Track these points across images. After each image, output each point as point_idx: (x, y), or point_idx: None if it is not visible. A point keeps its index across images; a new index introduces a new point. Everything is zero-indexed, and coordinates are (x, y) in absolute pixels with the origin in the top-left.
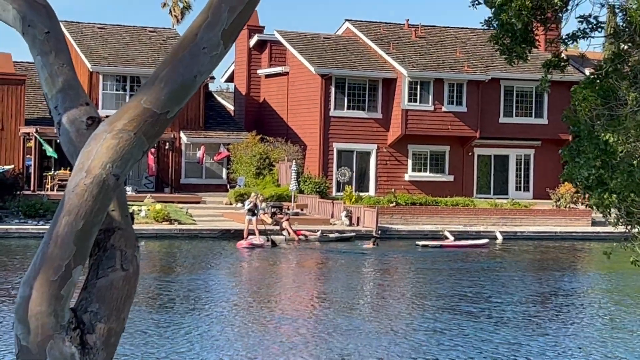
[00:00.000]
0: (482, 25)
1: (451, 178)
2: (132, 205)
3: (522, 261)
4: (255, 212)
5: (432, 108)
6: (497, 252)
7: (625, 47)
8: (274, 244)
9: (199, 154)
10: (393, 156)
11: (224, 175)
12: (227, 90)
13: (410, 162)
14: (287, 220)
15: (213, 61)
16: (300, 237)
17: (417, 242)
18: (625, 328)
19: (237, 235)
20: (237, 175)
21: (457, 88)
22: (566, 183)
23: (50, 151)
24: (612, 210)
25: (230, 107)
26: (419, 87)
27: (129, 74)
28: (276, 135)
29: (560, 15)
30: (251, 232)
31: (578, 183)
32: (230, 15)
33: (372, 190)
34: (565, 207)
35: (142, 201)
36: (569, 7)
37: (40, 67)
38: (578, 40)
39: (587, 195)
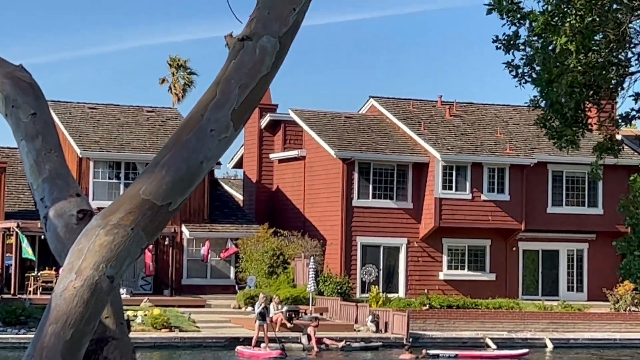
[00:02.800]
0: (528, 106)
1: (493, 277)
2: (127, 309)
3: None
4: (266, 316)
5: (469, 196)
6: None
7: None
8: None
9: (203, 250)
10: (425, 252)
11: (232, 275)
12: (235, 178)
13: (445, 258)
14: (316, 327)
15: (221, 145)
16: (321, 346)
17: (428, 352)
18: None
19: (248, 344)
20: (246, 274)
21: (499, 173)
22: (626, 282)
23: (27, 253)
24: None
25: (238, 196)
26: (454, 172)
27: (123, 159)
28: (291, 228)
29: (616, 93)
30: (261, 340)
31: (638, 278)
32: (241, 93)
33: (401, 291)
34: (626, 310)
35: (139, 305)
36: (625, 85)
37: (25, 153)
38: (633, 120)
39: None
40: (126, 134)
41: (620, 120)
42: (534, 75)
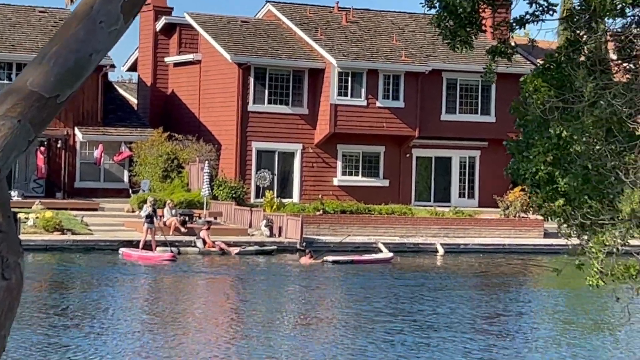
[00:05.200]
0: (423, 6)
1: (386, 183)
2: (19, 212)
3: (465, 277)
4: (155, 219)
5: (364, 103)
6: (439, 267)
7: (582, 32)
8: (175, 251)
9: (97, 153)
10: (320, 157)
11: (126, 179)
12: (129, 81)
13: (339, 164)
14: (207, 229)
15: (111, 38)
16: (216, 249)
17: (327, 258)
18: (574, 352)
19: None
20: (140, 178)
21: (394, 80)
22: (516, 190)
23: None
24: (563, 220)
25: (133, 100)
26: (350, 79)
27: (14, 60)
28: (186, 132)
29: None
30: (148, 243)
31: (525, 179)
32: None
33: (296, 197)
34: (515, 216)
35: (30, 208)
36: None
37: None
38: (527, 24)
39: (533, 194)
40: (18, 34)
41: (514, 24)
42: None
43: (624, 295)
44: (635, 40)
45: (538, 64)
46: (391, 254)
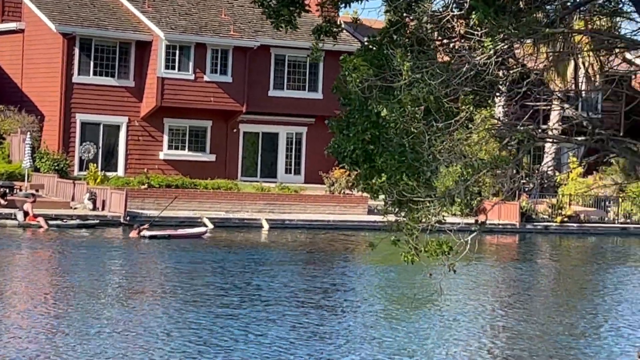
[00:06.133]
0: None
1: (213, 158)
2: None
3: (288, 253)
4: None
5: (192, 77)
6: (264, 242)
7: (403, 14)
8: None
9: None
10: (146, 131)
11: None
12: None
13: (166, 138)
14: (33, 202)
15: None
16: (37, 222)
17: (145, 234)
18: (391, 326)
19: None
20: None
21: (222, 55)
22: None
23: None
24: (382, 196)
25: None
26: (178, 52)
27: None
28: (8, 103)
29: None
30: None
31: (344, 157)
32: None
33: (121, 170)
34: (340, 193)
35: None
36: None
37: None
38: (352, 2)
39: (353, 172)
40: None
41: (340, 3)
42: None
43: (439, 271)
44: (453, 21)
45: (364, 43)
46: (205, 229)
